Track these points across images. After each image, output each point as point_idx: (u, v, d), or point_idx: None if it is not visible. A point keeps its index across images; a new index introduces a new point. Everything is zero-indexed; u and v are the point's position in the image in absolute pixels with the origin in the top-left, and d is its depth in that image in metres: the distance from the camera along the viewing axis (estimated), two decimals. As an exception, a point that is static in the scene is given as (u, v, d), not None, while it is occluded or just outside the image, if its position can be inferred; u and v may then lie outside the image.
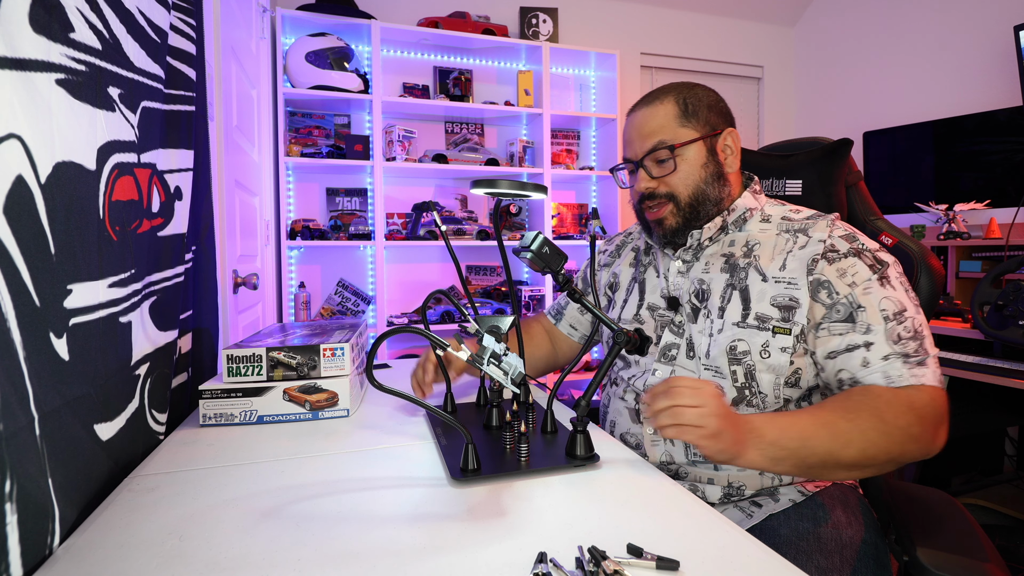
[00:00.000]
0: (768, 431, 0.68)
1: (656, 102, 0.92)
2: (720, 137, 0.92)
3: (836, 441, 0.69)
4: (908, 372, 0.76)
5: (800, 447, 0.68)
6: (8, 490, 0.43)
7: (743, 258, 0.89)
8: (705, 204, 0.91)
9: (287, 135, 2.62)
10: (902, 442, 0.71)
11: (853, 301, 0.80)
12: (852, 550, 0.76)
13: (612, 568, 0.45)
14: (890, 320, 0.78)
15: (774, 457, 0.68)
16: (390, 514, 0.57)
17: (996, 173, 2.52)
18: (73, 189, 0.56)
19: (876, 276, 0.81)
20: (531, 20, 2.98)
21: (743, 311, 0.86)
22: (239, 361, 0.86)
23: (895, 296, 0.80)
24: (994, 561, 0.65)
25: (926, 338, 0.79)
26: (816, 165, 1.11)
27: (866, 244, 0.85)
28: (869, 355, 0.77)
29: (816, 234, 0.86)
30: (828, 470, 0.71)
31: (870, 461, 0.71)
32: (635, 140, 0.93)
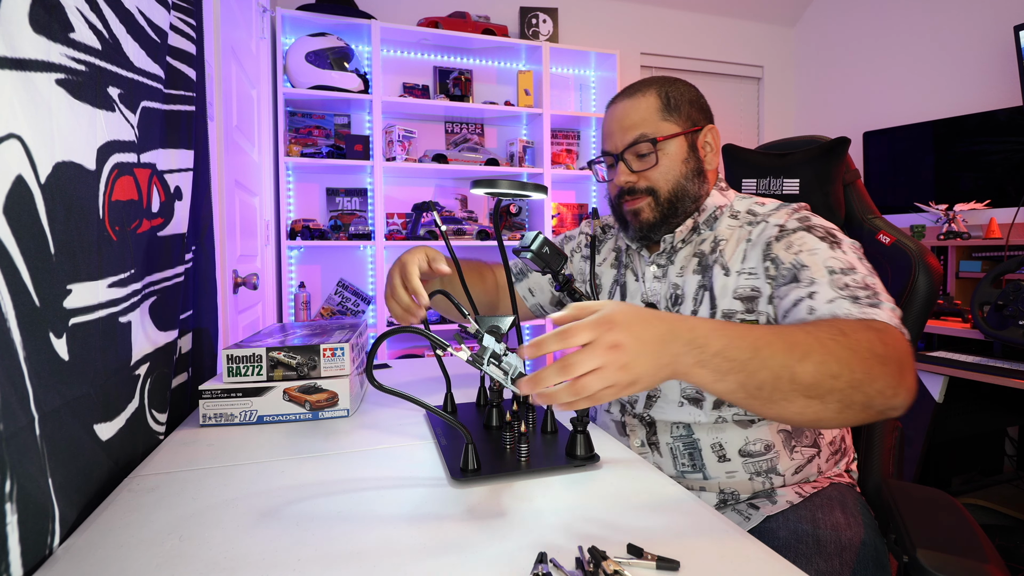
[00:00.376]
0: (713, 340, 0.55)
1: (638, 94, 0.90)
2: (701, 133, 0.91)
3: (792, 352, 0.57)
4: (857, 310, 0.68)
5: (751, 358, 0.56)
6: (8, 490, 0.43)
7: (711, 255, 0.88)
8: (684, 200, 0.89)
9: (287, 135, 2.62)
10: (867, 360, 0.59)
11: (797, 263, 0.77)
12: (851, 552, 0.76)
13: (612, 568, 0.45)
14: (835, 273, 0.74)
15: (718, 369, 0.55)
16: (390, 514, 0.57)
17: (996, 173, 2.52)
18: (73, 189, 0.56)
19: (826, 244, 0.78)
20: (531, 20, 2.98)
21: (711, 310, 0.85)
22: (239, 361, 0.86)
23: (843, 257, 0.76)
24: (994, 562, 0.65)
25: (881, 294, 0.72)
26: (813, 164, 1.11)
27: (819, 222, 0.82)
28: (814, 302, 0.72)
29: (774, 220, 0.85)
30: (781, 393, 0.57)
31: (832, 381, 0.58)
32: (616, 132, 0.90)
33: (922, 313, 0.96)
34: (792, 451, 0.85)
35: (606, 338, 0.51)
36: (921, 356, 1.97)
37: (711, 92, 3.60)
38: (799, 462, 0.86)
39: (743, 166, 1.20)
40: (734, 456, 0.84)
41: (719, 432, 0.85)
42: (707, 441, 0.85)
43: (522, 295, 1.15)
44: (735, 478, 0.84)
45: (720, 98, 3.64)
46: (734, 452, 0.84)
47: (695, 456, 0.86)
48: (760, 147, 1.24)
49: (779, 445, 0.85)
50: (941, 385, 1.89)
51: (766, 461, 0.84)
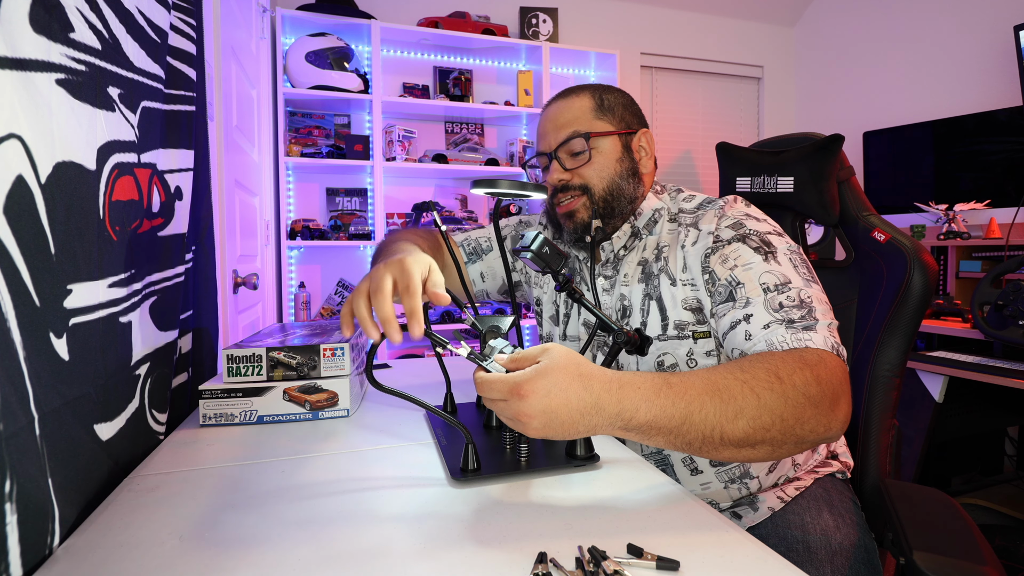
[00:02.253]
0: (642, 412, 0.54)
1: (572, 95, 0.90)
2: (635, 136, 0.90)
3: (726, 410, 0.56)
4: (791, 336, 0.68)
5: (680, 424, 0.55)
6: (8, 490, 0.43)
7: (655, 263, 0.87)
8: (620, 200, 0.87)
9: (287, 135, 2.62)
10: (799, 406, 0.59)
11: (732, 280, 0.76)
12: (843, 557, 0.75)
13: (612, 568, 0.45)
14: (770, 291, 0.73)
15: (643, 434, 0.56)
16: (390, 514, 0.57)
17: (996, 173, 2.52)
18: (73, 189, 0.56)
19: (760, 256, 0.76)
20: (531, 20, 2.98)
21: (662, 322, 0.83)
22: (239, 361, 0.86)
23: (779, 270, 0.75)
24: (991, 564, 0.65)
25: (816, 308, 0.71)
26: (807, 161, 1.11)
27: (754, 228, 0.80)
28: (750, 327, 0.72)
29: (705, 227, 0.83)
30: (710, 447, 0.58)
31: (762, 435, 0.58)
32: (549, 132, 0.90)
33: (918, 310, 0.95)
34: None
35: (512, 406, 0.53)
36: (921, 356, 1.97)
37: (711, 92, 3.61)
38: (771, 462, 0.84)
39: (737, 164, 1.20)
40: (705, 467, 0.84)
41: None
42: (678, 456, 0.85)
43: (472, 278, 1.09)
44: (710, 488, 0.84)
45: (720, 98, 3.64)
46: (704, 464, 0.84)
47: (667, 471, 0.86)
48: (754, 145, 1.24)
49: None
50: (941, 385, 1.89)
51: (737, 466, 0.83)
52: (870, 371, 0.99)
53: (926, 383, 1.93)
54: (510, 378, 0.53)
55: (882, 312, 0.99)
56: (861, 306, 1.06)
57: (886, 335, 0.97)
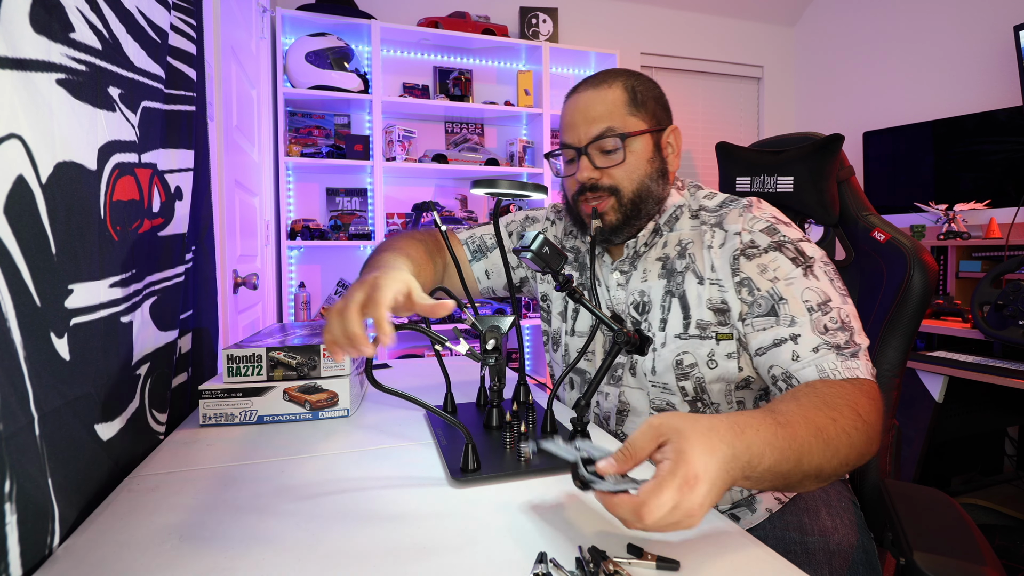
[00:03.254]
0: (767, 457, 0.53)
1: (604, 85, 0.84)
2: (665, 133, 0.86)
3: (827, 452, 0.59)
4: (842, 365, 0.70)
5: (793, 468, 0.56)
6: (8, 490, 0.43)
7: (678, 259, 0.85)
8: (648, 202, 0.84)
9: (287, 135, 2.62)
10: (873, 441, 0.64)
11: (775, 294, 0.76)
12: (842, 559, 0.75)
13: (612, 568, 0.45)
14: (814, 311, 0.74)
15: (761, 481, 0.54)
16: (390, 514, 0.57)
17: (996, 173, 2.52)
18: (74, 189, 0.56)
19: (800, 269, 0.76)
20: (531, 20, 2.98)
21: (684, 320, 0.82)
22: (239, 361, 0.86)
23: (818, 287, 0.75)
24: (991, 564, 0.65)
25: (855, 330, 0.74)
26: (807, 161, 1.11)
27: (788, 235, 0.79)
28: (798, 348, 0.73)
29: (731, 227, 0.81)
30: (806, 485, 0.60)
31: (845, 468, 0.62)
32: (579, 124, 0.84)
33: (918, 310, 0.95)
34: None
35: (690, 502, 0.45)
36: (921, 356, 1.97)
37: (711, 92, 3.61)
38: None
39: (737, 164, 1.20)
40: None
41: None
42: None
43: (476, 276, 1.06)
44: None
45: (720, 98, 3.64)
46: None
47: None
48: (754, 144, 1.24)
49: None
50: (941, 385, 1.89)
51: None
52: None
53: (926, 383, 1.93)
54: (671, 481, 0.45)
55: (882, 312, 0.99)
56: (861, 306, 1.06)
57: (886, 335, 0.97)
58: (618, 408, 0.88)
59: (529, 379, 1.04)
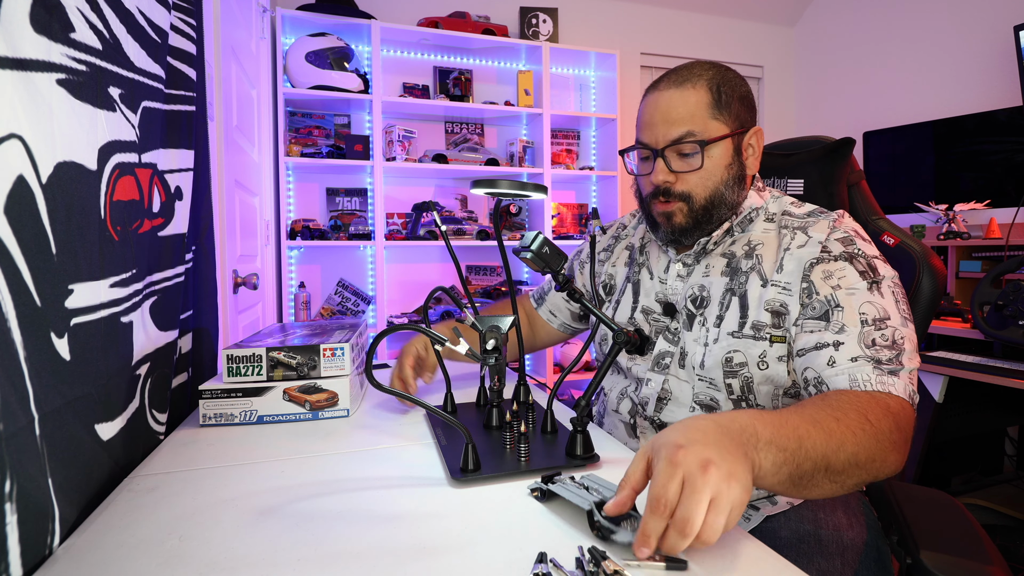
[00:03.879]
0: (761, 430, 0.54)
1: (688, 85, 0.81)
2: (747, 135, 0.84)
3: (830, 442, 0.58)
4: (876, 378, 0.69)
5: (797, 448, 0.56)
6: (8, 490, 0.43)
7: (745, 259, 0.84)
8: (720, 208, 0.83)
9: (287, 135, 2.62)
10: (886, 449, 0.63)
11: (832, 300, 0.75)
12: (854, 553, 0.75)
13: (612, 568, 0.45)
14: (867, 324, 0.72)
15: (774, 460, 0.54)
16: (390, 514, 0.57)
17: (996, 173, 2.52)
18: (74, 189, 0.56)
19: (866, 283, 0.75)
20: (531, 20, 2.98)
21: (740, 319, 0.81)
22: (239, 361, 0.86)
23: (880, 303, 0.74)
24: (997, 563, 0.65)
25: (906, 352, 0.71)
26: (818, 164, 1.11)
27: (863, 249, 0.79)
28: (837, 355, 0.71)
29: (815, 235, 0.80)
30: (818, 480, 0.58)
31: (857, 469, 0.60)
32: (658, 124, 0.82)
33: (926, 315, 0.96)
34: None
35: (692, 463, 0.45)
36: (921, 356, 1.97)
37: (711, 92, 3.60)
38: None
39: (744, 166, 1.20)
40: None
41: None
42: None
43: (545, 319, 1.15)
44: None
45: (720, 98, 3.64)
46: None
47: None
48: (764, 147, 1.24)
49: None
50: (941, 385, 1.89)
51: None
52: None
53: (926, 383, 1.93)
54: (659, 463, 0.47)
55: (885, 313, 0.99)
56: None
57: (890, 336, 0.97)
58: (659, 395, 0.87)
59: (529, 379, 1.04)
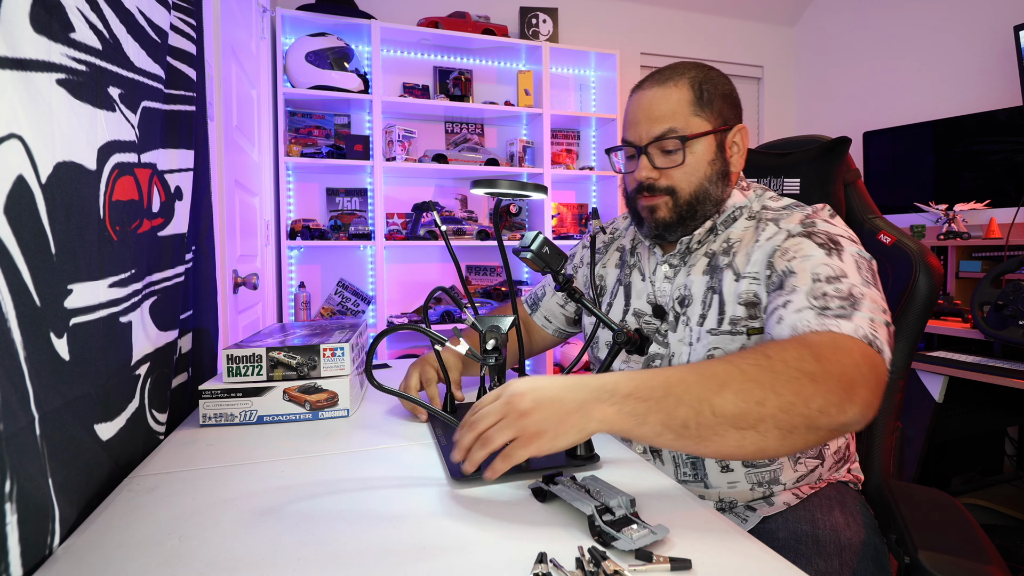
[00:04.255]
0: (623, 385, 0.55)
1: (670, 83, 0.83)
2: (731, 132, 0.85)
3: (708, 383, 0.55)
4: (817, 322, 0.65)
5: (664, 396, 0.54)
6: (8, 490, 0.43)
7: (723, 256, 0.85)
8: (705, 204, 0.84)
9: (287, 135, 2.62)
10: (794, 380, 0.56)
11: (787, 270, 0.74)
12: (852, 552, 0.75)
13: (612, 569, 0.45)
14: (819, 281, 0.69)
15: (634, 412, 0.54)
16: (390, 514, 0.57)
17: (996, 173, 2.52)
18: (74, 189, 0.56)
19: (823, 251, 0.73)
20: (531, 20, 2.98)
21: (719, 315, 0.82)
22: (239, 361, 0.86)
23: (837, 265, 0.71)
24: (996, 563, 0.65)
25: (864, 304, 0.66)
26: (814, 163, 1.11)
27: (824, 228, 0.77)
28: (784, 311, 0.69)
29: (785, 225, 0.81)
30: (709, 428, 0.55)
31: (758, 408, 0.54)
32: (641, 123, 0.84)
33: (923, 313, 0.95)
34: (796, 462, 0.84)
35: (515, 409, 0.55)
36: (921, 356, 1.97)
37: (711, 92, 3.60)
38: (802, 472, 0.84)
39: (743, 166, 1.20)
40: (737, 466, 0.83)
41: None
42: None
43: (540, 324, 1.15)
44: (736, 488, 0.84)
45: (720, 98, 3.64)
46: (738, 463, 0.83)
47: (697, 465, 0.85)
48: (760, 147, 1.24)
49: (784, 458, 0.83)
50: (941, 385, 1.89)
51: (769, 472, 0.83)
52: (872, 372, 0.99)
53: (926, 383, 1.93)
54: (509, 385, 0.58)
55: (885, 313, 0.99)
56: (862, 306, 1.06)
57: (890, 336, 0.97)
58: None
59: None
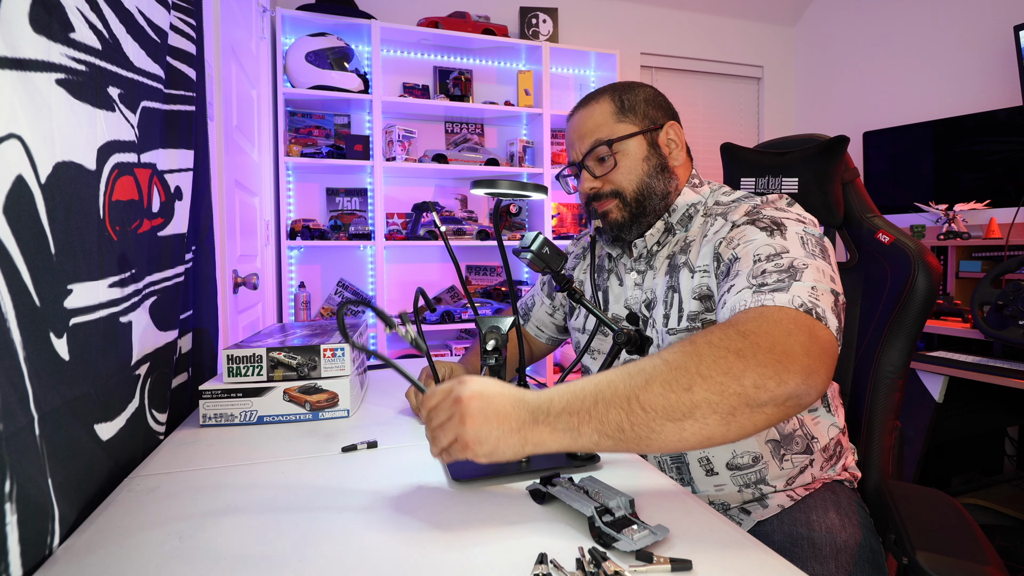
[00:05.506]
0: (557, 402, 0.55)
1: (592, 103, 0.90)
2: (662, 131, 0.89)
3: (632, 382, 0.55)
4: (753, 299, 0.64)
5: (594, 404, 0.54)
6: (8, 490, 0.43)
7: (680, 255, 0.87)
8: (652, 198, 0.87)
9: (287, 135, 2.62)
10: (719, 359, 0.55)
11: (732, 257, 0.75)
12: (848, 555, 0.75)
13: (612, 569, 0.45)
14: (760, 261, 0.70)
15: (568, 426, 0.54)
16: (390, 514, 0.57)
17: (996, 173, 2.52)
18: (73, 189, 0.56)
19: (765, 233, 0.74)
20: (531, 20, 2.98)
21: (679, 313, 0.84)
22: (239, 361, 0.86)
23: (779, 243, 0.71)
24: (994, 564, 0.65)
25: (805, 274, 0.65)
26: (812, 162, 1.11)
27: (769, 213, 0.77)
28: (728, 295, 0.69)
29: (732, 217, 0.81)
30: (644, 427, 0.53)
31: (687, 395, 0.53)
32: (575, 143, 0.91)
33: (922, 312, 0.95)
34: (782, 460, 0.83)
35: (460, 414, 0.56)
36: (921, 356, 1.97)
37: (711, 92, 3.61)
38: (790, 472, 0.84)
39: (741, 165, 1.20)
40: (722, 469, 0.83)
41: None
42: (694, 455, 0.84)
43: (533, 335, 1.16)
44: (724, 491, 0.84)
45: (720, 98, 3.64)
46: (721, 466, 0.83)
47: (683, 470, 0.85)
48: (759, 146, 1.24)
49: (767, 456, 0.83)
50: (941, 385, 1.89)
51: (755, 473, 0.83)
52: (873, 373, 0.99)
53: (926, 383, 1.93)
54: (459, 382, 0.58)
55: (885, 314, 0.99)
56: (865, 308, 1.06)
57: (890, 336, 0.97)
58: None
59: (529, 379, 1.04)
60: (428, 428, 0.59)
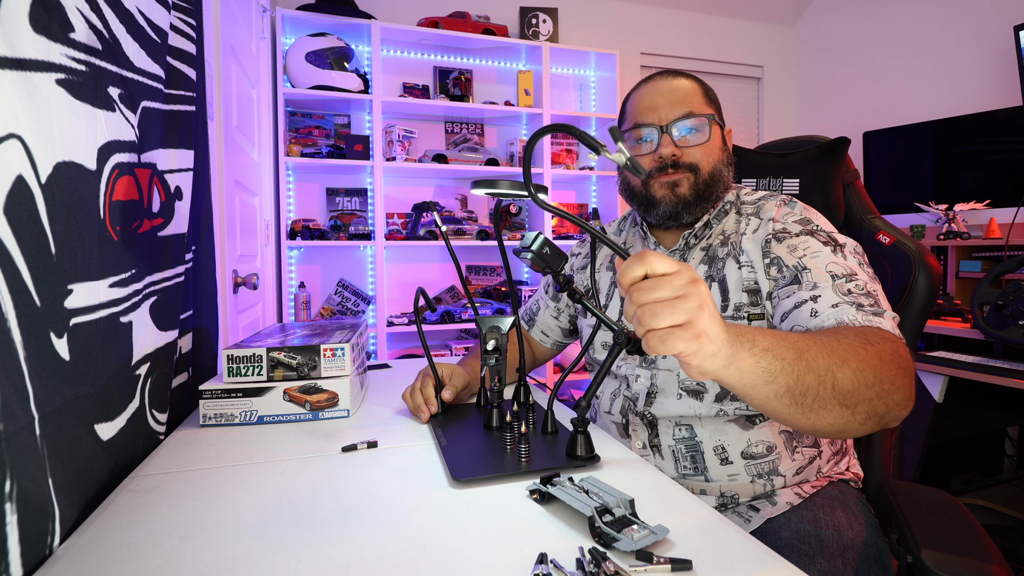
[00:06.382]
0: (761, 338, 0.53)
1: (680, 77, 0.92)
2: (726, 130, 0.94)
3: (832, 356, 0.56)
4: (862, 317, 0.69)
5: (797, 359, 0.54)
6: (8, 490, 0.43)
7: (720, 247, 0.89)
8: (717, 185, 0.89)
9: (287, 135, 2.62)
10: (892, 368, 0.60)
11: (799, 265, 0.79)
12: (854, 552, 0.76)
13: (613, 569, 0.45)
14: (837, 278, 0.75)
15: (768, 368, 0.53)
16: (390, 514, 0.57)
17: (996, 173, 2.52)
18: (73, 189, 0.56)
19: (828, 248, 0.80)
20: (531, 20, 2.98)
21: (723, 303, 0.86)
22: (239, 361, 0.86)
23: (844, 263, 0.78)
24: (998, 562, 0.65)
25: (882, 301, 0.74)
26: (813, 164, 1.11)
27: (821, 225, 0.85)
28: (817, 306, 0.73)
29: (766, 214, 0.87)
30: (822, 401, 0.56)
31: (866, 390, 0.57)
32: (662, 106, 0.89)
33: (922, 313, 0.95)
34: (793, 452, 0.85)
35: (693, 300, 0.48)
36: (921, 356, 1.97)
37: (711, 92, 3.60)
38: (800, 463, 0.85)
39: (743, 166, 1.20)
40: (736, 458, 0.84)
41: (721, 434, 0.85)
42: (709, 444, 0.85)
43: (539, 340, 1.17)
44: (737, 481, 0.84)
45: (720, 98, 3.63)
46: (736, 454, 0.84)
47: (697, 459, 0.86)
48: (760, 147, 1.24)
49: (781, 446, 0.84)
50: (941, 385, 1.89)
51: (768, 463, 0.84)
52: (871, 371, 0.99)
53: (926, 383, 1.93)
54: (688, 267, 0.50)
55: (884, 313, 0.99)
56: (862, 306, 1.06)
57: (888, 335, 0.97)
58: (648, 390, 0.89)
59: (529, 379, 1.04)
60: (641, 296, 0.48)
